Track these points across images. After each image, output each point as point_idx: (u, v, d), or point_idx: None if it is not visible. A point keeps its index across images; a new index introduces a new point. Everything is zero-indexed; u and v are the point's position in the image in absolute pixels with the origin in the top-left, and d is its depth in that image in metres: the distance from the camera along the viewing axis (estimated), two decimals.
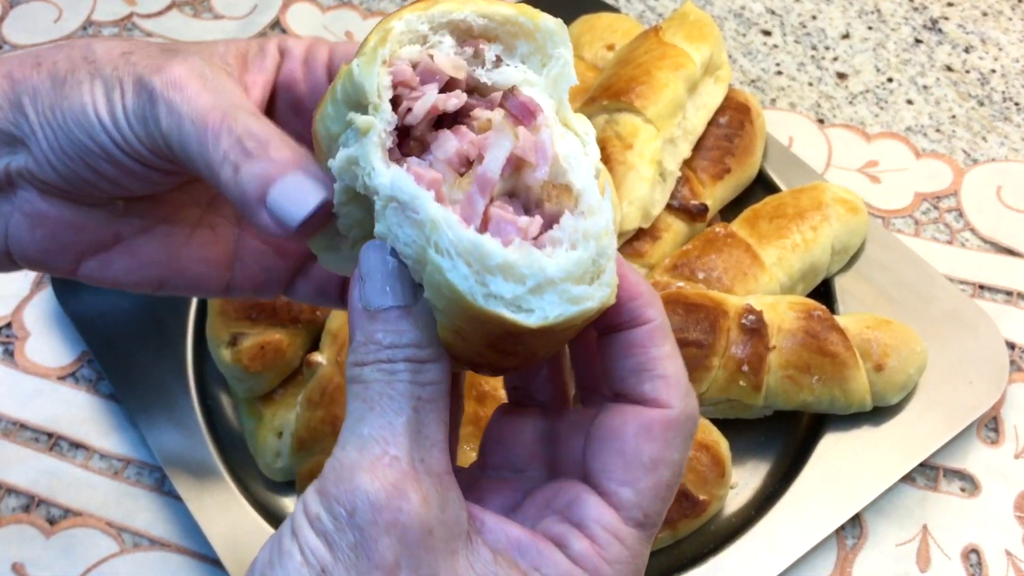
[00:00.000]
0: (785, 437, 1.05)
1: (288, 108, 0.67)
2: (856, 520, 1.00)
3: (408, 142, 0.53)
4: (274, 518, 0.99)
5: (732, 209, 1.18)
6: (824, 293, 1.12)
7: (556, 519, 0.56)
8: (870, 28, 1.46)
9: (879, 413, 1.02)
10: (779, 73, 1.40)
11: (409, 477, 0.50)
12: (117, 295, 1.09)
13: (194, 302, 1.13)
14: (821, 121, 1.34)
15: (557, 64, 0.55)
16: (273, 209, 0.56)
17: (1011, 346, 1.11)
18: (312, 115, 0.59)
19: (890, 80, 1.39)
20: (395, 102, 0.52)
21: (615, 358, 0.57)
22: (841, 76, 1.40)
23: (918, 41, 1.44)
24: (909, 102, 1.36)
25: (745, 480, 1.02)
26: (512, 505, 0.59)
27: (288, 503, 1.02)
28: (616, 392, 0.58)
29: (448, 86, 0.54)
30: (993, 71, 1.40)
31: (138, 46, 0.62)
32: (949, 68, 1.40)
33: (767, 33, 1.45)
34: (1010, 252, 1.20)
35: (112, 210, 0.68)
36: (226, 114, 0.57)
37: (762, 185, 1.22)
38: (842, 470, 0.99)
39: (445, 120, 0.54)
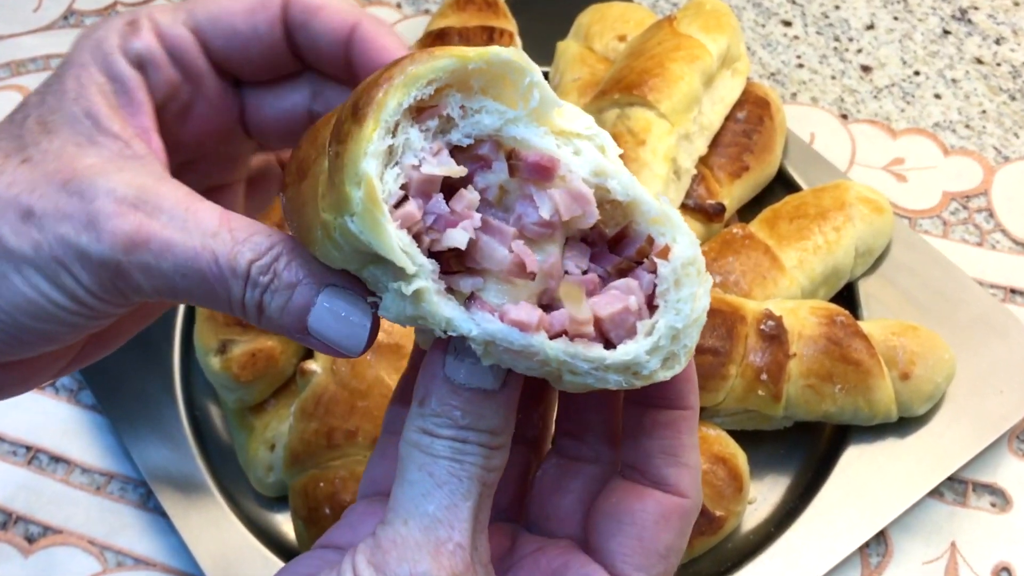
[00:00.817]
0: (806, 449, 1.06)
1: (175, 120, 0.65)
2: (881, 537, 1.02)
3: (444, 258, 0.53)
4: (265, 536, 1.00)
5: (750, 209, 1.20)
6: (847, 298, 1.13)
7: None
8: (896, 18, 1.47)
9: (905, 424, 1.03)
10: (800, 66, 1.42)
11: (470, 569, 0.53)
12: None
13: (181, 307, 1.14)
14: (844, 116, 1.36)
15: (534, 96, 0.54)
16: (321, 338, 0.56)
17: None
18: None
19: (917, 73, 1.40)
20: (415, 237, 0.52)
21: (644, 433, 0.60)
22: (865, 69, 1.41)
23: (946, 32, 1.45)
24: (937, 96, 1.38)
25: (764, 495, 1.04)
26: (501, 553, 0.63)
27: (281, 520, 1.03)
28: (635, 466, 0.61)
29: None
30: None
31: (19, 180, 0.56)
32: (979, 60, 1.41)
33: (787, 23, 1.47)
34: None
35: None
36: (216, 254, 0.55)
37: (782, 184, 1.23)
38: (866, 484, 1.00)
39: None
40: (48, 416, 1.12)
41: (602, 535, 0.60)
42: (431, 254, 0.52)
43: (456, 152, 0.54)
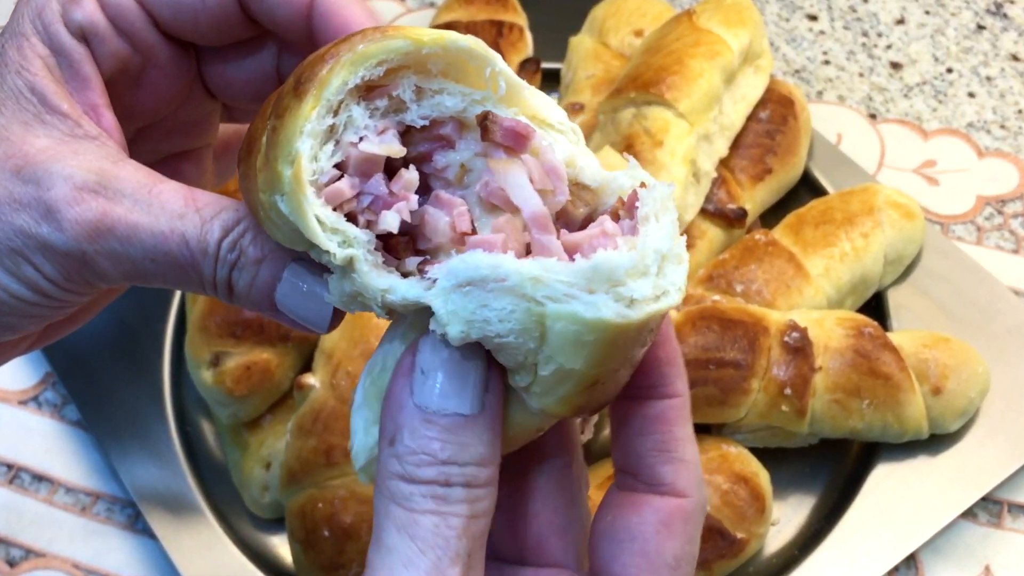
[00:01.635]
0: (832, 468, 1.07)
1: (127, 90, 0.65)
2: (911, 560, 1.02)
3: (392, 242, 0.53)
4: (261, 559, 1.01)
5: (774, 214, 1.21)
6: (876, 308, 1.14)
7: None
8: (927, 13, 1.48)
9: (936, 441, 1.04)
10: (826, 62, 1.43)
11: None
12: None
13: (172, 316, 1.15)
14: (873, 116, 1.37)
15: (500, 84, 0.54)
16: (290, 314, 0.56)
17: None
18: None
19: (949, 71, 1.41)
20: (349, 217, 0.52)
21: (634, 432, 0.60)
22: (895, 66, 1.42)
23: (981, 27, 1.46)
24: (971, 95, 1.39)
25: (788, 516, 1.05)
26: None
27: (277, 542, 1.04)
28: (627, 469, 0.60)
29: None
30: None
31: None
32: (1015, 57, 1.43)
33: (813, 18, 1.48)
34: None
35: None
36: (185, 236, 0.55)
37: (807, 187, 1.24)
38: (895, 505, 1.01)
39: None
40: (30, 432, 1.12)
41: (604, 558, 0.58)
42: (378, 238, 0.52)
43: (413, 132, 0.54)
